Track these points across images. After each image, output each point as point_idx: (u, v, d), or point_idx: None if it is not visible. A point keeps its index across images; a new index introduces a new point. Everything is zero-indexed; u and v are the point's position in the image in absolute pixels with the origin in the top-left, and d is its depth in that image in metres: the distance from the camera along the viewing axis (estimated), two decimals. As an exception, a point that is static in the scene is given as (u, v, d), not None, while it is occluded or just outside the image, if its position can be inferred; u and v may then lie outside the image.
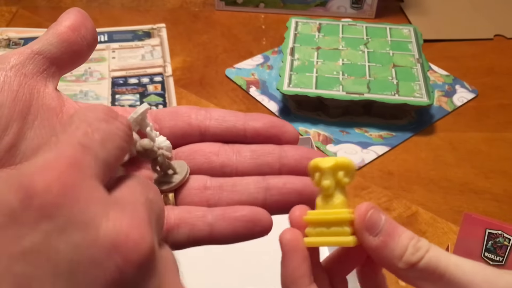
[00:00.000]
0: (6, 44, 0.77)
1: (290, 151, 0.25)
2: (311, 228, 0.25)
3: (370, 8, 0.86)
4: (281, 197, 0.24)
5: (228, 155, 0.25)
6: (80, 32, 0.25)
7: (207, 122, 0.26)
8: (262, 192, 0.24)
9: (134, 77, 0.72)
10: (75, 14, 0.25)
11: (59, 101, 0.25)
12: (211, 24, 0.85)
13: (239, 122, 0.26)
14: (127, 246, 0.16)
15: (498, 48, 0.81)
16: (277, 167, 0.25)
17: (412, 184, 0.58)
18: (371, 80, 0.67)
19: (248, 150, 0.25)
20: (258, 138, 0.26)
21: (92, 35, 0.25)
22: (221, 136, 0.26)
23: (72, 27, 0.25)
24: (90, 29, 0.25)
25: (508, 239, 0.43)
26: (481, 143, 0.64)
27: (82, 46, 0.25)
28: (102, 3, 0.90)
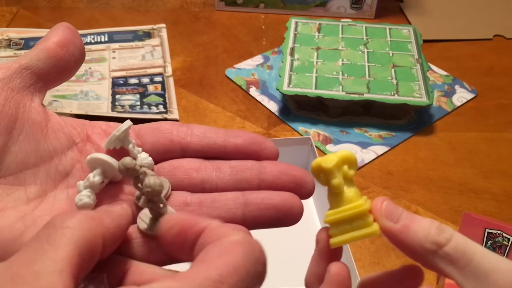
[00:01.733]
0: (6, 44, 0.77)
1: (269, 167, 0.25)
2: (334, 228, 0.26)
3: (369, 8, 0.87)
4: (259, 213, 0.24)
5: (208, 171, 0.25)
6: (68, 49, 0.25)
7: (188, 138, 0.26)
8: (240, 208, 0.24)
9: (134, 77, 0.72)
10: (64, 30, 0.25)
11: (45, 116, 0.25)
12: (211, 24, 0.86)
13: (220, 139, 0.26)
14: None
15: (497, 48, 0.82)
16: (256, 183, 0.25)
17: (412, 184, 0.59)
18: (371, 80, 0.67)
19: (228, 166, 0.26)
20: (238, 154, 0.26)
21: (80, 51, 0.25)
22: (202, 152, 0.26)
23: (61, 43, 0.25)
24: (79, 45, 0.25)
25: (508, 238, 0.44)
26: (481, 143, 0.64)
27: (70, 62, 0.25)
28: (102, 4, 0.90)
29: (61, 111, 0.62)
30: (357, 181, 0.59)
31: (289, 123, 0.66)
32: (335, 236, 0.26)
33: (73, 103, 0.65)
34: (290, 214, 0.25)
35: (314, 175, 0.26)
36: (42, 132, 0.24)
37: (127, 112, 0.65)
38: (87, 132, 0.26)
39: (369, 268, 0.50)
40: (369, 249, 0.52)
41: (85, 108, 0.64)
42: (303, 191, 0.25)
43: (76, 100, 0.66)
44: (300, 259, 0.51)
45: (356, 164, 0.27)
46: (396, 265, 0.50)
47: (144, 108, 0.67)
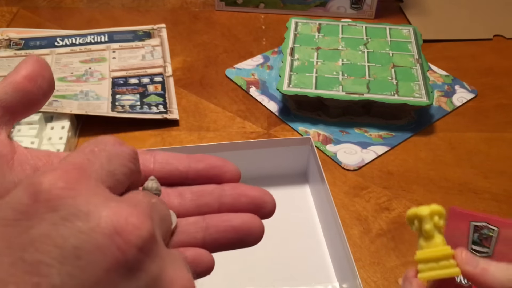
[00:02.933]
0: (6, 44, 0.77)
1: (229, 190, 0.26)
2: (423, 265, 0.32)
3: (369, 8, 0.87)
4: (219, 235, 0.25)
5: (171, 198, 0.26)
6: (36, 82, 0.25)
7: (151, 166, 0.27)
8: (201, 231, 0.25)
9: (134, 77, 0.72)
10: (33, 64, 0.25)
11: (11, 149, 0.25)
12: (211, 25, 0.86)
13: (181, 165, 0.27)
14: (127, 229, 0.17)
15: (497, 48, 0.82)
16: (217, 206, 0.26)
17: (412, 184, 0.59)
18: (371, 80, 0.67)
19: (189, 192, 0.26)
20: (200, 179, 0.27)
21: (48, 84, 0.26)
22: (164, 179, 0.26)
23: (29, 77, 0.25)
24: (47, 78, 0.26)
25: (493, 229, 0.44)
26: (481, 143, 0.64)
27: (38, 95, 0.25)
28: (102, 4, 0.90)
29: (61, 111, 0.62)
30: (357, 181, 0.59)
31: (289, 123, 0.66)
32: (423, 272, 0.32)
33: (73, 103, 0.65)
34: (250, 235, 0.25)
35: (408, 221, 0.33)
36: (8, 165, 0.24)
37: (127, 112, 0.65)
38: (52, 162, 0.26)
39: (369, 268, 0.50)
40: (369, 249, 0.52)
41: (85, 108, 0.65)
42: (263, 211, 0.26)
43: (76, 100, 0.66)
44: (300, 259, 0.51)
45: (445, 216, 0.33)
46: (396, 265, 0.50)
47: (144, 108, 0.67)
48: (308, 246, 0.52)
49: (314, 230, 0.54)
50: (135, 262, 0.17)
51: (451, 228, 0.44)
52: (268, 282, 0.49)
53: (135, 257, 0.17)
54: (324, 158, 0.61)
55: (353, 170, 0.60)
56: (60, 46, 0.77)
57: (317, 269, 0.50)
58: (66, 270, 0.16)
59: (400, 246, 0.52)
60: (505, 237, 0.44)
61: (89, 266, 0.16)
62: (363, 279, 0.49)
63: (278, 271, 0.50)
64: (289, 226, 0.54)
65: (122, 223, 0.17)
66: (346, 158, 0.61)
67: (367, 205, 0.56)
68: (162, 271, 0.18)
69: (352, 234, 0.53)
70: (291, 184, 0.58)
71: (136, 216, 0.18)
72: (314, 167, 0.55)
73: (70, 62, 0.74)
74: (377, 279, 0.49)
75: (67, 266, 0.16)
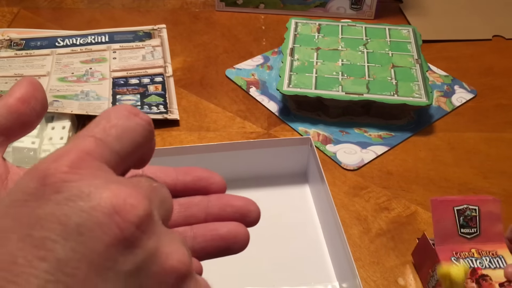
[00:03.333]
0: (7, 44, 0.77)
1: (215, 201, 0.27)
2: None
3: (369, 9, 0.87)
4: (206, 244, 0.26)
5: None
6: (29, 104, 0.26)
7: None
8: (189, 241, 0.26)
9: (135, 78, 0.72)
10: (26, 86, 0.26)
11: (5, 169, 0.26)
12: (211, 25, 0.86)
13: (169, 178, 0.28)
14: (125, 209, 0.18)
15: (496, 49, 0.82)
16: (203, 217, 0.27)
17: (411, 184, 0.59)
18: (371, 80, 0.67)
19: (177, 204, 0.27)
20: (188, 191, 0.28)
21: (42, 105, 0.26)
22: None
23: (22, 99, 0.26)
24: (40, 100, 0.26)
25: (474, 209, 0.46)
26: (480, 143, 0.65)
27: (31, 116, 0.26)
28: (103, 4, 0.91)
29: (62, 111, 0.62)
30: (356, 181, 0.59)
31: (289, 123, 0.66)
32: None
33: (73, 103, 0.65)
34: (236, 242, 0.26)
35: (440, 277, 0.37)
36: (2, 184, 0.25)
37: (127, 112, 0.66)
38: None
39: (369, 268, 0.50)
40: (369, 248, 0.52)
41: (85, 108, 0.65)
42: (248, 219, 0.27)
43: (77, 100, 0.66)
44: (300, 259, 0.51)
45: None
46: (396, 265, 0.50)
47: (144, 108, 0.67)
48: (308, 246, 0.53)
49: (314, 230, 0.54)
50: (133, 239, 0.19)
51: (437, 218, 0.46)
52: (268, 282, 0.49)
53: (132, 234, 0.18)
54: (324, 158, 0.62)
55: (352, 170, 0.60)
56: (61, 46, 0.78)
57: (317, 268, 0.50)
58: (70, 245, 0.18)
59: (400, 245, 0.52)
60: (485, 213, 0.46)
61: (90, 241, 0.18)
62: (363, 278, 0.49)
63: (278, 271, 0.50)
64: (289, 226, 0.54)
65: (120, 203, 0.18)
66: (345, 158, 0.62)
67: (366, 205, 0.56)
68: (159, 248, 0.20)
69: (351, 233, 0.53)
70: (291, 184, 0.58)
71: (134, 196, 0.19)
72: (314, 167, 0.55)
73: (70, 63, 0.74)
74: (376, 279, 0.49)
75: (71, 242, 0.18)
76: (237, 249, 0.26)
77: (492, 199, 0.47)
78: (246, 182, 0.57)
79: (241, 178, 0.57)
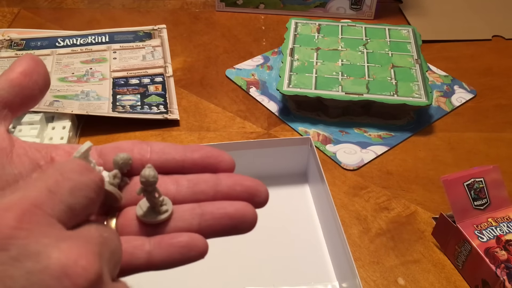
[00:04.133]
0: (8, 44, 0.77)
1: (224, 179, 0.27)
2: None
3: (369, 9, 0.87)
4: (214, 222, 0.25)
5: (167, 185, 0.27)
6: (31, 77, 0.26)
7: (147, 155, 0.27)
8: (197, 218, 0.26)
9: (135, 78, 0.72)
10: (27, 61, 0.26)
11: (10, 142, 0.26)
12: (211, 25, 0.86)
13: (178, 154, 0.27)
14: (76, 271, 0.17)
15: (496, 49, 0.82)
16: (212, 194, 0.26)
17: (411, 184, 0.59)
18: (370, 80, 0.67)
19: (186, 180, 0.27)
20: (196, 168, 0.27)
21: (44, 80, 0.26)
22: (161, 168, 0.27)
23: (24, 72, 0.26)
24: (42, 74, 0.26)
25: (480, 181, 0.49)
26: (480, 143, 0.65)
27: (34, 90, 0.26)
28: (103, 4, 0.91)
29: (62, 111, 0.63)
30: (356, 181, 0.59)
31: (289, 123, 0.67)
32: None
33: (74, 103, 0.66)
34: (244, 222, 0.26)
35: None
36: (7, 158, 0.25)
37: (128, 112, 0.66)
38: (51, 155, 0.27)
39: (369, 268, 0.50)
40: (369, 248, 0.52)
41: (86, 108, 0.65)
42: (257, 200, 0.26)
43: (77, 100, 0.67)
44: (300, 258, 0.52)
45: None
46: (396, 264, 0.50)
47: (144, 108, 0.67)
48: (308, 245, 0.53)
49: (314, 230, 0.54)
50: None
51: (451, 197, 0.48)
52: (268, 282, 0.49)
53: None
54: (323, 158, 0.62)
55: (352, 170, 0.61)
56: (61, 46, 0.78)
57: (316, 268, 0.50)
58: None
59: (400, 245, 0.52)
60: (490, 182, 0.49)
61: None
62: (363, 278, 0.49)
63: (278, 271, 0.50)
64: (289, 226, 0.54)
65: (71, 265, 0.18)
66: (345, 158, 0.62)
67: (366, 205, 0.56)
68: None
69: (351, 233, 0.53)
70: (291, 184, 0.59)
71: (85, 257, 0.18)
72: (314, 167, 0.55)
73: (71, 63, 0.74)
74: (376, 278, 0.49)
75: None
76: (244, 229, 0.26)
77: (492, 168, 0.49)
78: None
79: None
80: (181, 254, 0.24)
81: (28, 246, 0.17)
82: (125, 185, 0.27)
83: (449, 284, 0.49)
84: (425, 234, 0.53)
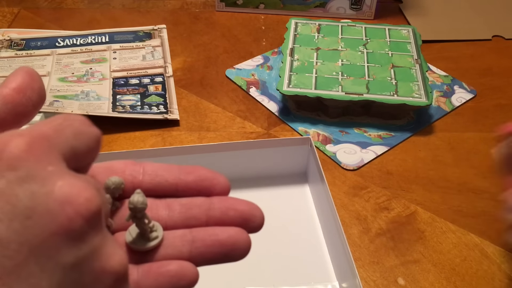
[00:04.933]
0: (8, 45, 0.77)
1: (217, 203, 0.26)
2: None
3: (369, 9, 0.87)
4: (205, 249, 0.25)
5: (159, 210, 0.26)
6: (25, 94, 0.25)
7: (140, 177, 0.27)
8: (187, 245, 0.25)
9: (135, 78, 0.72)
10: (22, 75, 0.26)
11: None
12: (211, 25, 0.86)
13: (171, 177, 0.27)
14: (79, 201, 0.18)
15: (496, 49, 0.82)
16: (204, 220, 0.26)
17: (411, 184, 0.59)
18: (370, 80, 0.67)
19: (178, 204, 0.26)
20: (190, 191, 0.27)
21: (38, 96, 0.26)
22: (153, 191, 0.26)
23: (18, 89, 0.25)
24: (37, 90, 0.26)
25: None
26: (480, 143, 0.65)
27: (27, 107, 0.25)
28: (103, 4, 0.91)
29: (62, 111, 0.63)
30: (356, 181, 0.59)
31: (289, 123, 0.67)
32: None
33: (74, 103, 0.66)
34: (235, 249, 0.25)
35: None
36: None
37: (127, 112, 0.66)
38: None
39: (369, 268, 0.50)
40: (369, 248, 0.52)
41: (86, 108, 0.65)
42: (252, 225, 0.25)
43: (77, 100, 0.67)
44: (300, 258, 0.52)
45: None
46: (396, 264, 0.50)
47: (144, 108, 0.67)
48: (308, 245, 0.53)
49: (314, 230, 0.54)
50: (80, 232, 0.18)
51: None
52: (268, 282, 0.49)
53: (81, 228, 0.18)
54: (323, 158, 0.62)
55: (352, 170, 0.61)
56: (61, 46, 0.78)
57: (316, 268, 0.50)
58: (14, 226, 0.17)
59: (399, 245, 0.52)
60: None
61: (36, 227, 0.17)
62: (363, 278, 0.49)
63: (278, 271, 0.50)
64: (289, 226, 0.54)
65: (74, 194, 0.18)
66: (345, 158, 0.62)
67: (366, 205, 0.56)
68: (102, 246, 0.19)
69: (351, 233, 0.53)
70: (291, 184, 0.59)
71: (89, 190, 0.19)
72: (314, 167, 0.55)
73: (71, 63, 0.74)
74: (376, 278, 0.49)
75: (16, 223, 0.17)
76: (237, 257, 0.25)
77: None
78: (246, 182, 0.57)
79: (241, 178, 0.57)
80: (171, 284, 0.24)
81: (35, 170, 0.18)
82: (116, 210, 0.26)
83: (449, 284, 0.49)
84: (425, 234, 0.53)
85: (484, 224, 0.55)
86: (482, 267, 0.51)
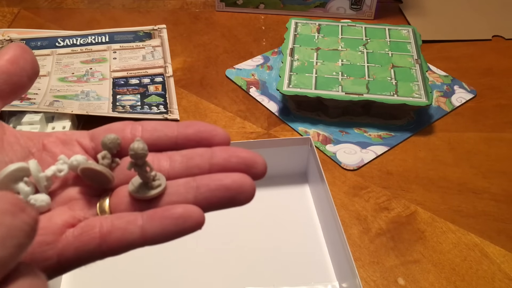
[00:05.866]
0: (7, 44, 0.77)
1: (219, 152, 0.26)
2: None
3: (369, 9, 0.87)
4: (210, 194, 0.25)
5: (160, 162, 0.26)
6: (18, 64, 0.26)
7: (139, 134, 0.27)
8: (192, 191, 0.25)
9: (135, 78, 0.72)
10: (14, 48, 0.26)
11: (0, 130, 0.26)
12: (211, 25, 0.86)
13: (170, 131, 0.27)
14: None
15: (496, 49, 0.82)
16: (207, 168, 0.26)
17: (411, 184, 0.59)
18: (370, 80, 0.67)
19: (179, 155, 0.26)
20: (189, 143, 0.27)
21: (31, 66, 0.26)
22: (154, 146, 0.27)
23: (11, 60, 0.26)
24: (30, 61, 0.26)
25: None
26: (480, 143, 0.65)
27: (22, 77, 0.26)
28: (103, 4, 0.91)
29: (62, 111, 0.63)
30: (356, 181, 0.59)
31: (289, 123, 0.67)
32: None
33: (74, 103, 0.66)
34: (241, 193, 0.24)
35: None
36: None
37: (127, 112, 0.66)
38: (43, 142, 0.27)
39: (369, 268, 0.50)
40: (369, 248, 0.52)
41: (86, 108, 0.65)
42: (254, 171, 0.25)
43: (77, 100, 0.67)
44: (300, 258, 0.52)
45: None
46: (396, 264, 0.50)
47: (144, 108, 0.67)
48: (308, 245, 0.53)
49: (314, 230, 0.54)
50: None
51: None
52: (268, 282, 0.49)
53: None
54: (323, 158, 0.62)
55: (352, 170, 0.60)
56: (61, 46, 0.78)
57: (316, 268, 0.50)
58: None
59: (399, 245, 0.52)
60: None
61: None
62: (363, 278, 0.49)
63: (278, 271, 0.50)
64: (289, 225, 0.54)
65: None
66: (345, 158, 0.62)
67: (366, 205, 0.56)
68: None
69: (351, 233, 0.53)
70: (291, 184, 0.59)
71: None
72: (314, 167, 0.55)
73: (71, 63, 0.74)
74: (376, 278, 0.49)
75: None
76: (242, 200, 0.25)
77: None
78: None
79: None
80: (176, 226, 0.23)
81: None
82: (116, 166, 0.27)
83: (449, 284, 0.49)
84: (425, 234, 0.53)
85: (484, 224, 0.55)
86: (482, 267, 0.51)
